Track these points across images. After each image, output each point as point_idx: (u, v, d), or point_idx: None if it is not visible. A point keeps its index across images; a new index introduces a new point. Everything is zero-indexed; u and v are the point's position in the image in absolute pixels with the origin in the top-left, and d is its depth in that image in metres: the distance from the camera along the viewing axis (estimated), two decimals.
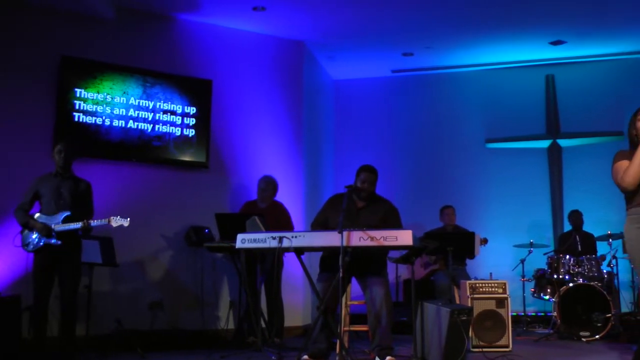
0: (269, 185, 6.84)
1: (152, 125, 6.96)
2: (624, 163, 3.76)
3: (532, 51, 8.88)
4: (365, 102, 9.68)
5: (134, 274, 6.72)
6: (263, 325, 6.13)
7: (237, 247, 4.89)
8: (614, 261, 7.34)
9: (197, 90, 7.27)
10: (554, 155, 9.16)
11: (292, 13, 7.37)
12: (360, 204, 5.23)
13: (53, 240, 5.17)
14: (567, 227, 8.52)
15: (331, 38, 8.19)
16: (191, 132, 7.17)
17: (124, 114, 6.83)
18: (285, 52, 8.06)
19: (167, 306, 6.81)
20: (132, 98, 6.89)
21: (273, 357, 5.29)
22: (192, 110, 7.20)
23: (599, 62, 9.16)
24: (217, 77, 7.46)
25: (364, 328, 5.42)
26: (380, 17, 7.54)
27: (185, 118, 7.16)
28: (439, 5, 7.25)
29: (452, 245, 6.17)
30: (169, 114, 7.08)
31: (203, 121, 7.26)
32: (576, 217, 7.97)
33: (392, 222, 5.18)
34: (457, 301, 6.51)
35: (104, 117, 6.72)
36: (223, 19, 7.48)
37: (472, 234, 6.55)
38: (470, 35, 8.23)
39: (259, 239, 4.78)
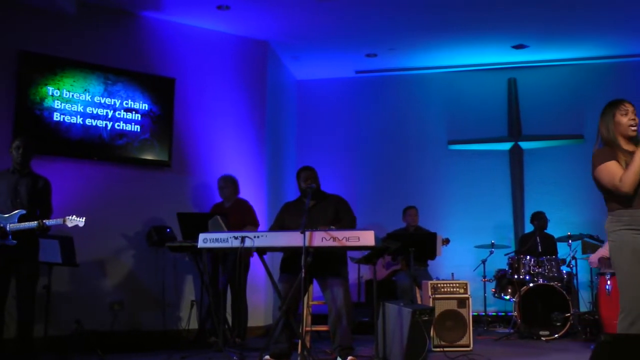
0: (227, 182, 6.84)
1: (113, 123, 6.87)
2: (612, 164, 3.67)
3: (495, 54, 8.98)
4: (328, 102, 9.69)
5: (94, 274, 6.62)
6: (226, 325, 6.09)
7: (199, 246, 4.86)
8: (573, 262, 7.45)
9: (159, 89, 7.19)
10: (516, 157, 9.28)
11: (257, 13, 7.34)
12: (311, 203, 5.22)
13: (7, 241, 5.04)
14: (528, 228, 8.63)
15: (295, 38, 8.18)
16: (153, 131, 7.10)
17: (84, 111, 6.72)
18: (249, 51, 8.03)
19: (127, 306, 6.72)
20: (93, 95, 6.79)
21: (234, 358, 5.27)
22: (154, 108, 7.13)
23: (560, 67, 9.30)
24: (181, 75, 7.39)
25: (325, 328, 5.43)
26: (344, 19, 7.57)
27: (147, 116, 7.08)
28: (402, 7, 7.29)
29: (414, 246, 6.20)
30: (130, 112, 6.99)
31: (165, 120, 7.19)
32: (540, 219, 8.06)
33: (344, 213, 5.26)
34: (419, 301, 6.54)
35: (64, 114, 6.60)
36: (187, 17, 7.42)
37: (434, 235, 6.59)
38: (433, 38, 8.28)
39: (221, 238, 4.75)
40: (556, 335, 6.75)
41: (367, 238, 4.44)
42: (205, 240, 4.81)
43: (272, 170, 8.25)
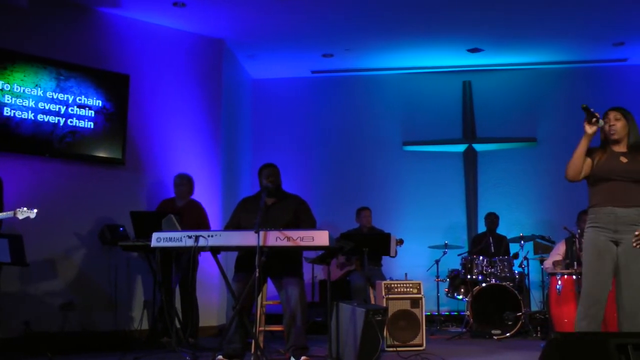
0: (184, 180, 6.80)
1: (65, 119, 6.73)
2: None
3: (451, 57, 9.08)
4: (284, 102, 9.67)
5: (44, 273, 6.48)
6: (178, 325, 6.03)
7: (152, 245, 4.79)
8: (525, 262, 7.58)
9: (113, 85, 7.07)
10: (470, 159, 9.40)
11: (213, 10, 7.29)
12: (270, 201, 5.25)
13: None
14: (481, 229, 8.76)
15: (251, 37, 8.14)
16: (107, 128, 6.98)
17: (36, 106, 6.57)
18: (205, 49, 7.97)
19: (79, 307, 6.59)
20: (45, 90, 6.64)
21: (187, 358, 5.21)
22: (108, 105, 7.01)
23: (514, 71, 9.46)
24: (135, 72, 7.29)
25: (279, 328, 5.41)
26: (301, 18, 7.57)
27: (100, 113, 6.96)
28: (358, 8, 7.32)
29: (368, 246, 6.24)
30: (83, 108, 6.86)
31: (119, 116, 7.08)
32: (492, 220, 8.18)
33: (304, 215, 5.26)
34: (372, 301, 6.58)
35: (14, 110, 6.44)
36: (143, 13, 7.32)
37: (388, 235, 6.64)
38: (389, 39, 8.33)
39: (174, 237, 4.70)
40: (508, 334, 6.86)
41: (321, 238, 4.44)
42: (159, 239, 4.75)
43: (227, 169, 8.20)
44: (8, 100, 6.41)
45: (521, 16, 7.62)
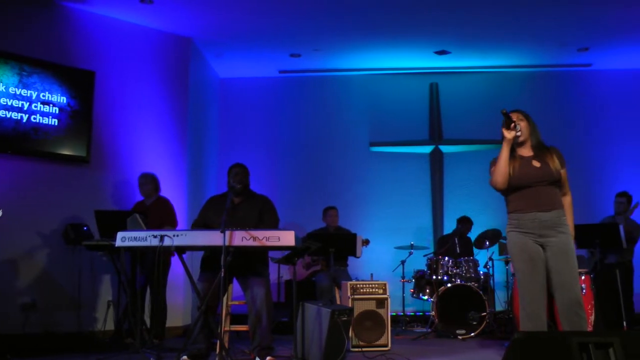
0: (147, 179, 6.74)
1: (28, 115, 6.61)
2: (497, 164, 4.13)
3: (418, 59, 9.14)
4: (252, 101, 9.64)
5: (5, 273, 6.34)
6: (143, 326, 5.98)
7: (117, 245, 4.73)
8: (490, 262, 7.67)
9: (78, 82, 6.97)
10: (436, 160, 9.47)
11: (180, 8, 7.24)
12: (237, 200, 5.26)
13: None
14: (447, 230, 8.83)
15: (219, 36, 8.10)
16: (71, 125, 6.88)
17: None
18: (172, 47, 7.91)
19: (41, 308, 6.47)
20: (7, 86, 6.50)
21: (151, 359, 5.17)
22: (72, 102, 6.91)
23: (481, 74, 9.56)
24: (101, 69, 7.20)
25: (244, 328, 5.40)
26: (269, 18, 7.55)
27: (65, 110, 6.86)
28: (327, 8, 7.33)
29: (334, 246, 6.24)
30: (47, 104, 6.75)
31: (84, 114, 6.98)
32: (465, 223, 8.24)
33: (269, 215, 5.26)
34: (338, 302, 6.60)
35: None
36: (109, 9, 7.24)
37: (354, 235, 6.66)
38: (357, 40, 8.36)
39: (139, 237, 4.65)
40: (472, 334, 6.92)
41: (287, 238, 4.46)
42: (124, 238, 4.70)
43: (193, 168, 8.14)
44: None
45: (488, 20, 7.70)
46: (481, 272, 7.49)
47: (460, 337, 6.89)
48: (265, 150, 9.43)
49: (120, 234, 4.72)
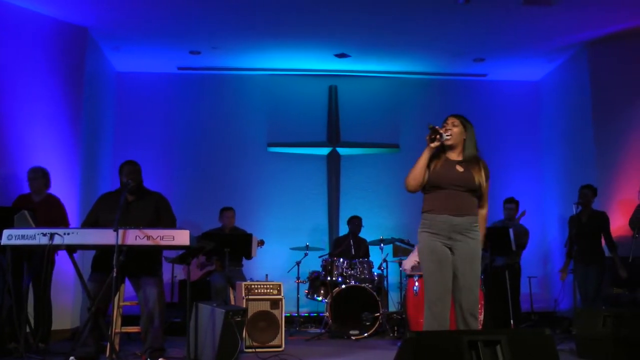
0: (37, 174, 6.39)
1: None
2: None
3: (318, 61, 9.20)
4: (149, 97, 9.41)
5: None
6: (28, 329, 5.69)
7: (2, 243, 4.54)
8: (384, 264, 7.80)
9: None
10: (333, 162, 9.56)
11: None
12: (131, 198, 5.14)
13: None
14: (343, 231, 8.92)
15: (117, 28, 7.85)
16: None
17: None
18: (66, 36, 7.57)
19: None
20: None
21: None
22: None
23: (380, 78, 9.74)
24: None
25: (136, 329, 5.27)
26: (169, 12, 7.40)
27: None
28: (226, 6, 7.26)
29: (229, 246, 6.20)
30: None
31: None
32: (356, 223, 8.34)
33: (165, 213, 5.19)
34: (232, 302, 6.56)
35: None
36: None
37: (250, 236, 6.64)
38: (257, 40, 8.32)
39: (27, 235, 4.47)
40: (366, 334, 7.03)
41: (182, 237, 4.42)
42: (10, 236, 4.51)
43: (87, 163, 7.84)
44: None
45: (387, 26, 7.84)
46: (375, 274, 7.62)
47: (353, 338, 6.98)
48: (161, 148, 9.23)
49: (6, 232, 4.54)
